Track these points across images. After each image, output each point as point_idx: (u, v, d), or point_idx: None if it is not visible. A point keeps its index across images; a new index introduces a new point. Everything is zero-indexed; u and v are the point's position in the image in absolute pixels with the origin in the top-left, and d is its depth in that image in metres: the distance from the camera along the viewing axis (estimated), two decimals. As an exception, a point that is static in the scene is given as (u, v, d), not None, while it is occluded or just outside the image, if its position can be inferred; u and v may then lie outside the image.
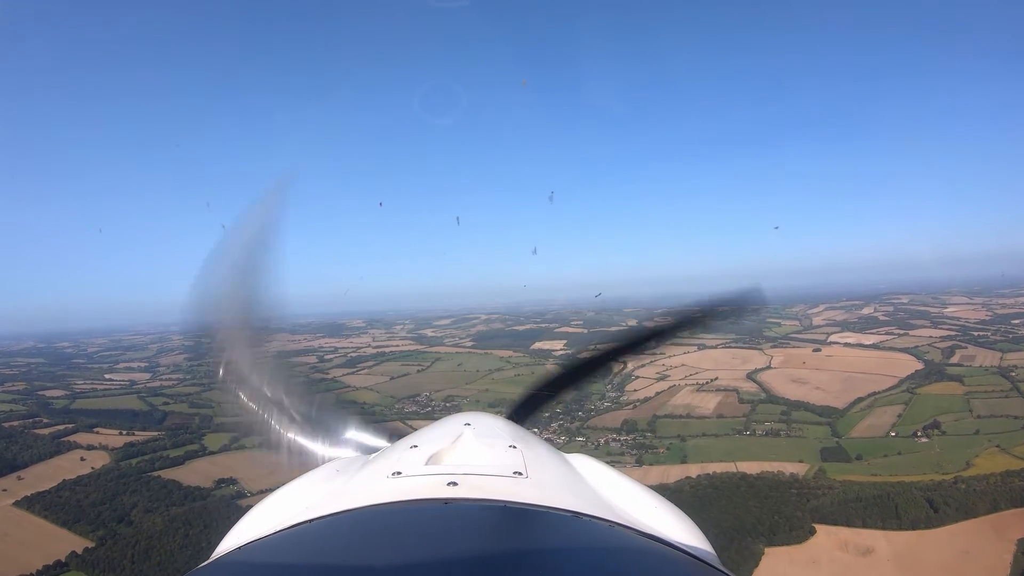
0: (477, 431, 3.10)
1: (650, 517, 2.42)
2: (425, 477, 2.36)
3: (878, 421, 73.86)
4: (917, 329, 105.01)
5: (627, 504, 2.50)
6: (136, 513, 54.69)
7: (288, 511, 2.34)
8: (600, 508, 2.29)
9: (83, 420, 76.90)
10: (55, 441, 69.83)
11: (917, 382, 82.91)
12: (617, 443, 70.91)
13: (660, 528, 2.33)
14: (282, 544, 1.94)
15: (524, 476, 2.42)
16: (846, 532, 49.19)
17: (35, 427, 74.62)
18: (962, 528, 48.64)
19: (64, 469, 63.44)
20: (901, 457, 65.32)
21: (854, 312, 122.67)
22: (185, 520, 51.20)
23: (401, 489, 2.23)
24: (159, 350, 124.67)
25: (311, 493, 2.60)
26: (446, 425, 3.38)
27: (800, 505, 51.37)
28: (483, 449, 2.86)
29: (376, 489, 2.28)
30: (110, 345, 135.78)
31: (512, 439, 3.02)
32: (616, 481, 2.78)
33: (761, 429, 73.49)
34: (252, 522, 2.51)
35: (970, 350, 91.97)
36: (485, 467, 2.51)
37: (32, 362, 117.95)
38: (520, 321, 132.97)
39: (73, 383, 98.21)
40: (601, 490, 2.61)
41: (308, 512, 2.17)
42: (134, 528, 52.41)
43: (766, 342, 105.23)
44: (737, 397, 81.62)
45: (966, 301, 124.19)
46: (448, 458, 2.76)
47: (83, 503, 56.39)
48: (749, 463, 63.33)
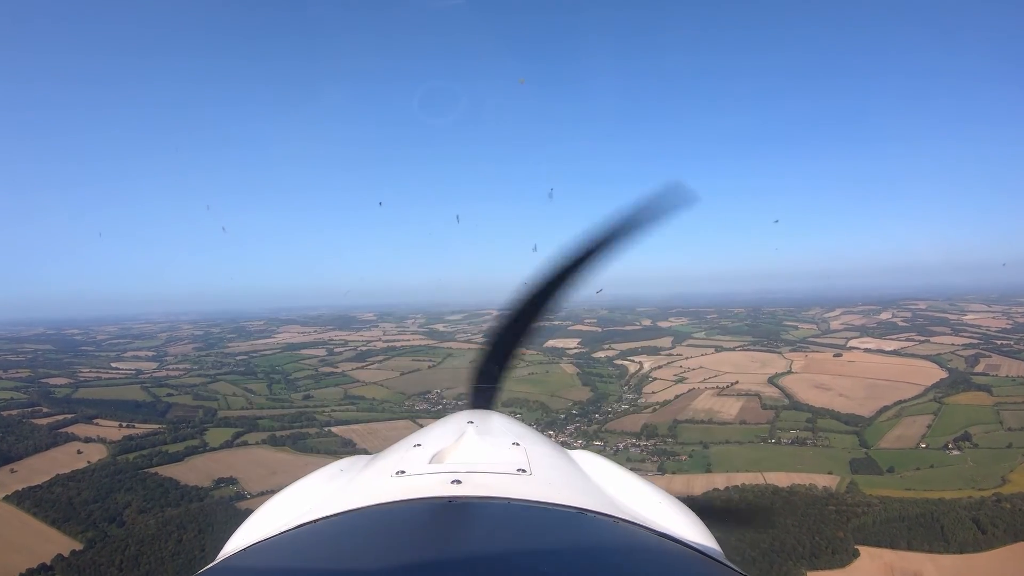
0: (480, 429, 3.08)
1: (656, 513, 2.40)
2: (429, 476, 2.32)
3: (907, 431, 70.13)
4: (937, 336, 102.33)
5: (632, 500, 2.47)
6: (129, 513, 50.46)
7: (293, 511, 2.31)
8: (605, 505, 2.26)
9: (84, 410, 73.29)
10: (52, 432, 66.16)
11: (944, 391, 79.48)
12: (637, 448, 66.51)
13: (666, 524, 2.30)
14: (288, 545, 1.93)
15: (528, 473, 2.38)
16: (890, 555, 45.00)
17: (34, 417, 70.99)
18: (1013, 552, 44.63)
19: (59, 462, 59.68)
20: (934, 470, 61.52)
21: (872, 317, 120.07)
22: (179, 523, 46.85)
23: (405, 488, 2.21)
24: (168, 339, 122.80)
25: (316, 493, 2.57)
26: (449, 423, 3.36)
27: (840, 524, 46.84)
28: (487, 447, 2.83)
29: (380, 488, 2.26)
30: (120, 333, 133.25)
31: (516, 436, 2.98)
32: (621, 477, 2.75)
33: (786, 437, 69.33)
34: (258, 523, 2.50)
35: (994, 359, 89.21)
36: (489, 465, 2.46)
37: (40, 348, 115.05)
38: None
39: (79, 371, 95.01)
40: (606, 487, 2.57)
41: (313, 512, 2.14)
42: (125, 530, 48.15)
43: (784, 345, 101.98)
44: (760, 403, 77.36)
45: (985, 309, 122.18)
46: (452, 456, 2.73)
47: (75, 500, 52.40)
48: (776, 473, 59.27)
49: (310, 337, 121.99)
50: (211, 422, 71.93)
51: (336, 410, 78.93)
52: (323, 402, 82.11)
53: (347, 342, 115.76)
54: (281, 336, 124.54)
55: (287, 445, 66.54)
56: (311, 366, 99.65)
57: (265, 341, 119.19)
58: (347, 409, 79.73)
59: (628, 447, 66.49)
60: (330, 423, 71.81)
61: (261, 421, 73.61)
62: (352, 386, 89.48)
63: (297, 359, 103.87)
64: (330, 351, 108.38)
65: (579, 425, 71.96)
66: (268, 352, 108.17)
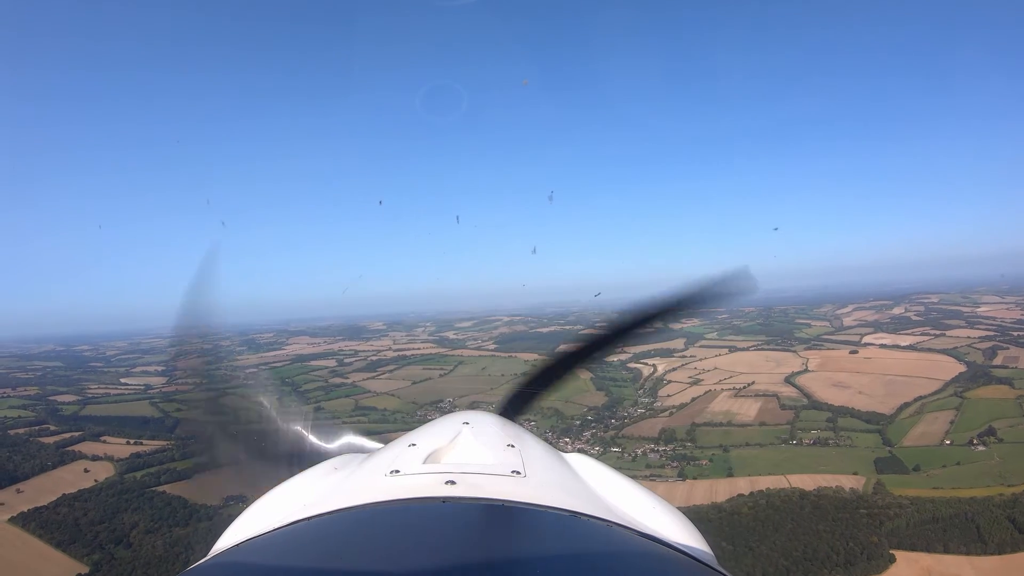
0: (475, 430, 3.03)
1: (648, 517, 2.36)
2: (423, 476, 2.30)
3: (930, 428, 67.76)
4: (953, 329, 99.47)
5: (625, 504, 2.44)
6: (136, 534, 48.50)
7: (286, 509, 2.28)
8: (598, 508, 2.24)
9: (91, 428, 71.52)
10: (59, 451, 64.37)
11: (963, 385, 77.02)
12: (656, 454, 64.01)
13: (658, 528, 2.27)
14: (280, 542, 1.91)
15: (522, 475, 2.36)
16: (927, 559, 42.89)
17: (41, 435, 69.15)
18: (1055, 551, 42.23)
19: (66, 482, 57.80)
20: (961, 468, 59.10)
21: (884, 312, 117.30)
22: (187, 543, 44.97)
23: (399, 488, 2.19)
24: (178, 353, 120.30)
25: (309, 491, 2.53)
26: (444, 423, 3.30)
27: (873, 528, 44.64)
28: (481, 448, 2.78)
29: (374, 487, 2.23)
30: (129, 348, 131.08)
31: (510, 438, 2.92)
32: (614, 481, 2.71)
33: (808, 438, 66.82)
34: (250, 519, 2.45)
35: (1012, 351, 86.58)
36: (483, 466, 2.44)
37: (49, 365, 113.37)
38: (543, 323, 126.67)
39: (87, 388, 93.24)
40: (599, 490, 2.54)
41: (306, 510, 2.12)
42: (132, 551, 46.30)
43: (799, 344, 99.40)
44: (778, 403, 74.91)
45: (998, 300, 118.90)
46: (446, 457, 2.70)
47: (81, 521, 50.58)
48: (801, 476, 56.77)
49: (320, 348, 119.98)
50: (220, 437, 69.64)
51: (347, 421, 76.64)
52: (334, 414, 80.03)
53: (357, 352, 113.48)
54: (291, 348, 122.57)
55: (298, 459, 64.21)
56: (321, 377, 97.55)
57: (275, 353, 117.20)
58: (359, 420, 77.44)
59: (646, 453, 64.14)
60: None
61: (271, 435, 71.18)
62: (363, 397, 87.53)
63: (307, 370, 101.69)
64: (340, 361, 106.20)
65: (595, 431, 69.65)
66: (278, 364, 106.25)
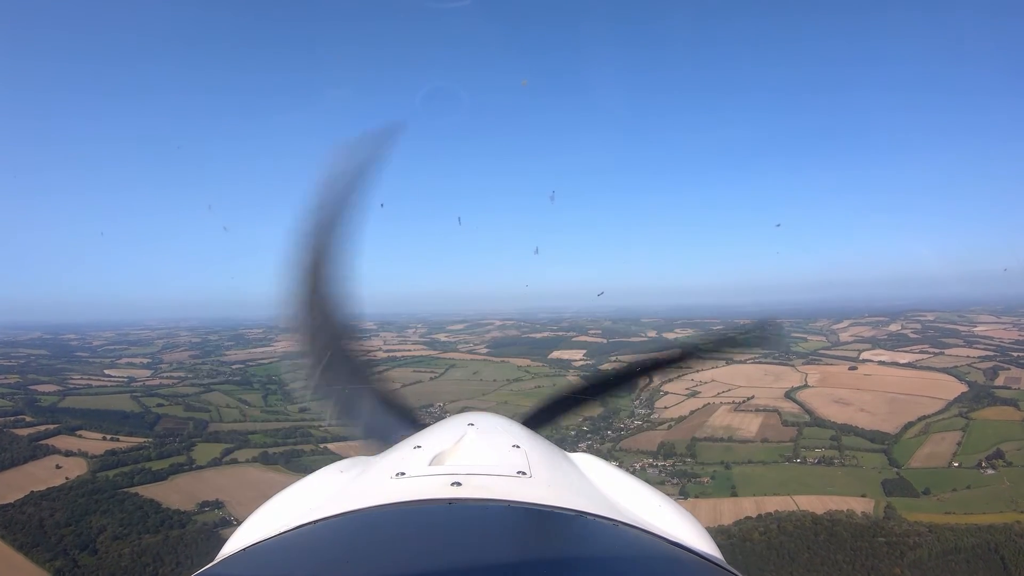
0: (481, 431, 2.99)
1: (655, 516, 2.32)
2: (429, 478, 2.27)
3: (937, 449, 64.59)
4: (951, 348, 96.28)
5: (632, 503, 2.40)
6: (103, 540, 44.50)
7: (293, 512, 2.24)
8: (605, 507, 2.20)
9: (68, 421, 66.96)
10: (32, 444, 60.05)
11: (967, 405, 73.87)
12: (655, 469, 60.49)
13: (666, 527, 2.23)
14: (287, 546, 1.89)
15: (528, 476, 2.32)
16: (952, 595, 39.42)
17: (16, 426, 64.86)
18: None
19: (35, 478, 53.77)
20: (971, 491, 56.32)
21: (881, 328, 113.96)
22: (156, 554, 41.09)
23: (405, 490, 2.16)
24: (164, 346, 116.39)
25: (315, 494, 2.47)
26: (449, 425, 3.26)
27: (895, 559, 41.35)
28: (487, 449, 2.74)
29: (380, 490, 2.21)
30: (116, 339, 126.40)
31: (516, 439, 2.88)
32: (621, 480, 2.67)
33: (812, 456, 63.60)
34: (257, 523, 2.40)
35: (1014, 371, 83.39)
36: (489, 467, 2.40)
37: (33, 354, 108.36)
38: (536, 328, 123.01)
39: (69, 378, 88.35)
40: (606, 489, 2.49)
41: (313, 513, 2.08)
42: (98, 559, 42.31)
43: (796, 358, 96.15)
44: (780, 419, 71.53)
45: (994, 320, 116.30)
46: (452, 458, 2.64)
47: (47, 523, 46.55)
48: (807, 497, 53.60)
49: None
50: (200, 436, 65.94)
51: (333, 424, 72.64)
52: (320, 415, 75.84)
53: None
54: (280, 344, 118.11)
55: (279, 463, 60.51)
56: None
57: (263, 349, 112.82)
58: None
59: (645, 467, 60.56)
60: (326, 439, 65.46)
61: (253, 436, 67.54)
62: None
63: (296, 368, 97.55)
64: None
65: (591, 442, 65.83)
66: (265, 361, 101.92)
